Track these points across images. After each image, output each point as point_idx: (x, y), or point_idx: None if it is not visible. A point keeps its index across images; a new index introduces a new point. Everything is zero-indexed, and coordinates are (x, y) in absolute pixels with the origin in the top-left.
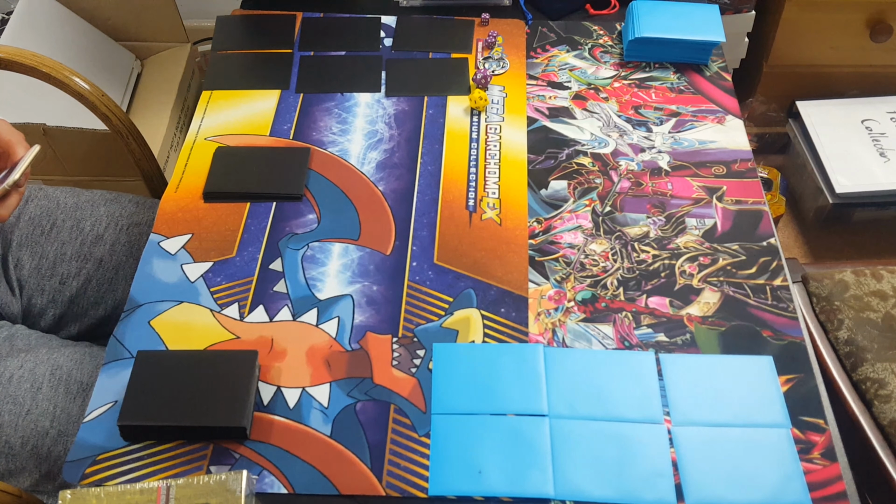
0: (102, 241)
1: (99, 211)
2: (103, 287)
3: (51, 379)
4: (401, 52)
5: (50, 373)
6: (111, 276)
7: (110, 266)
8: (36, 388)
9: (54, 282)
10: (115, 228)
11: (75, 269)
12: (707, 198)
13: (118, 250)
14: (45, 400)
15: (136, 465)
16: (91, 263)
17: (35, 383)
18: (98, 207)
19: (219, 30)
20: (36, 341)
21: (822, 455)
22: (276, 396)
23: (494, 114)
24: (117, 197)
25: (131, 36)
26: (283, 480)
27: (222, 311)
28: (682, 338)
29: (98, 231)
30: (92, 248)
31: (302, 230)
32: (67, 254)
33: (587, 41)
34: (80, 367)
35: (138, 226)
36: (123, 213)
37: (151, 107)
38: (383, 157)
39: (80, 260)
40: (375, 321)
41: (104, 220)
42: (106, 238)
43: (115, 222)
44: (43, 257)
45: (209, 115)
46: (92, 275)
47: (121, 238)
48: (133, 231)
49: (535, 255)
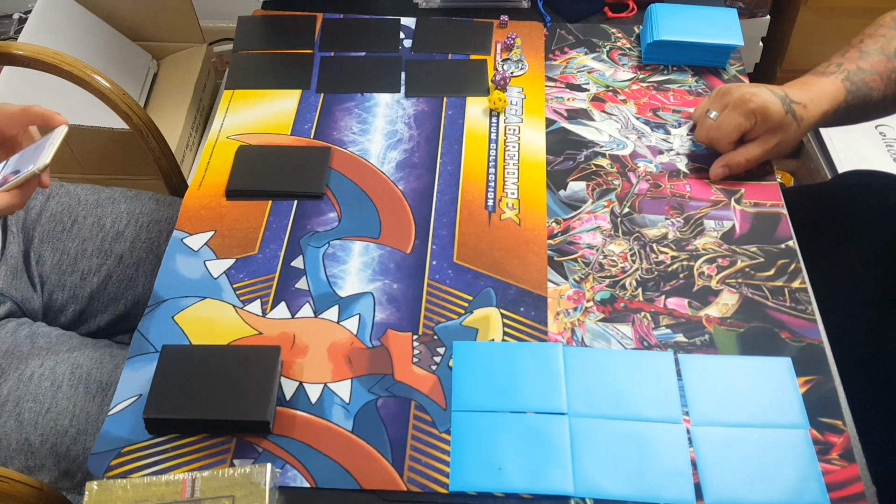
0: (123, 238)
1: (120, 208)
2: (123, 283)
3: (70, 378)
4: (420, 54)
5: (70, 372)
6: (131, 272)
7: (130, 262)
8: (56, 386)
9: (75, 277)
10: (135, 225)
11: (96, 265)
12: (725, 200)
13: (138, 247)
14: (65, 399)
15: (161, 458)
16: (112, 259)
17: (55, 382)
18: (119, 204)
19: (240, 30)
20: (56, 339)
21: (840, 456)
22: (298, 392)
23: (513, 115)
24: (137, 194)
25: (148, 36)
26: (306, 474)
27: (245, 307)
28: (700, 339)
29: (119, 228)
30: (113, 244)
31: (323, 228)
32: (88, 250)
33: (605, 44)
34: (100, 366)
35: (158, 223)
36: (144, 211)
37: (167, 106)
38: (403, 156)
39: (101, 256)
40: (396, 319)
41: (125, 217)
42: (126, 235)
43: (135, 219)
44: (64, 253)
45: (231, 114)
46: (112, 271)
47: (141, 235)
48: (153, 228)
49: (554, 255)
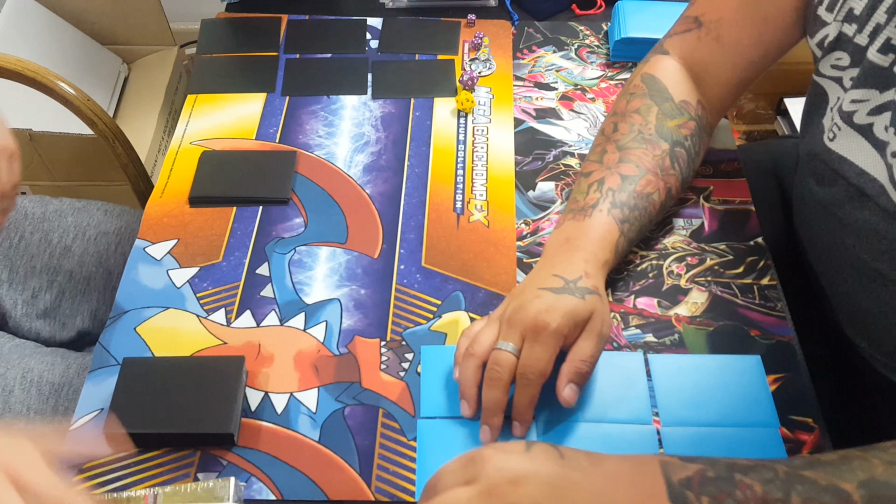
0: (70, 253)
1: (66, 221)
2: (77, 299)
3: (21, 382)
4: (387, 54)
5: (21, 376)
6: (83, 287)
7: (81, 278)
8: (7, 391)
9: (26, 295)
10: (82, 239)
11: (46, 283)
12: (694, 198)
13: (87, 261)
14: (18, 402)
15: (123, 474)
16: (62, 276)
17: (6, 387)
18: (65, 218)
19: (203, 33)
20: (9, 349)
21: (810, 454)
22: (263, 402)
23: (481, 115)
24: (86, 206)
25: (118, 39)
26: (272, 486)
27: (209, 316)
28: (670, 338)
29: (66, 242)
30: (61, 260)
31: (289, 234)
32: (37, 267)
33: (573, 42)
34: (52, 368)
35: (106, 235)
36: (91, 223)
37: (139, 110)
38: (370, 159)
39: (51, 273)
40: (363, 325)
41: (71, 231)
42: (74, 250)
43: (82, 233)
44: (13, 271)
45: (194, 118)
46: (64, 287)
47: (89, 249)
48: (101, 241)
49: (524, 256)
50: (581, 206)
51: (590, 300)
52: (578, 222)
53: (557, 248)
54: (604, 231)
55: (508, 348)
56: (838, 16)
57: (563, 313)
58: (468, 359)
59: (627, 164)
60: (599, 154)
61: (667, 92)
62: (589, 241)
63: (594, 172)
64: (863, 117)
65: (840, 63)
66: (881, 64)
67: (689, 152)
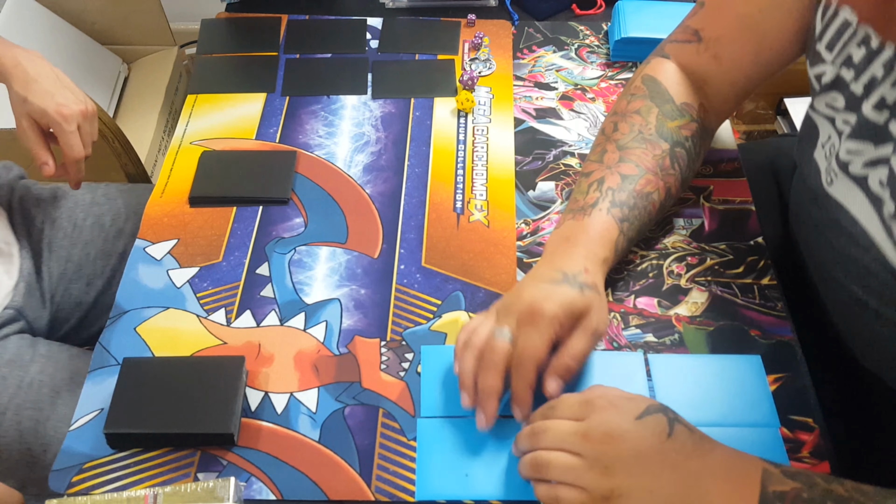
0: (123, 234)
1: (117, 203)
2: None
3: (70, 384)
4: (387, 54)
5: (69, 378)
6: None
7: None
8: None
9: (80, 284)
10: (134, 219)
11: (100, 268)
12: (694, 197)
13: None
14: (64, 405)
15: (123, 473)
16: (115, 259)
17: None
18: (115, 200)
19: (203, 33)
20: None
21: (810, 454)
22: (263, 402)
23: (481, 115)
24: (132, 188)
25: (118, 39)
26: (272, 486)
27: (209, 316)
28: (670, 338)
29: (119, 225)
30: (115, 242)
31: (289, 234)
32: (91, 254)
33: (573, 41)
34: None
35: None
36: (141, 202)
37: (139, 110)
38: (370, 159)
39: (105, 258)
40: (363, 325)
41: (123, 213)
42: (126, 230)
43: (134, 212)
44: (69, 261)
45: (194, 118)
46: (116, 270)
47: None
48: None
49: (524, 256)
50: (581, 206)
51: (588, 295)
52: (578, 221)
53: (557, 247)
54: (603, 229)
55: (503, 334)
56: (837, 59)
57: (559, 302)
58: (466, 350)
59: (627, 164)
60: (600, 154)
61: (667, 94)
62: (588, 239)
63: (594, 172)
64: (858, 168)
65: (835, 104)
66: (876, 121)
67: (689, 153)
